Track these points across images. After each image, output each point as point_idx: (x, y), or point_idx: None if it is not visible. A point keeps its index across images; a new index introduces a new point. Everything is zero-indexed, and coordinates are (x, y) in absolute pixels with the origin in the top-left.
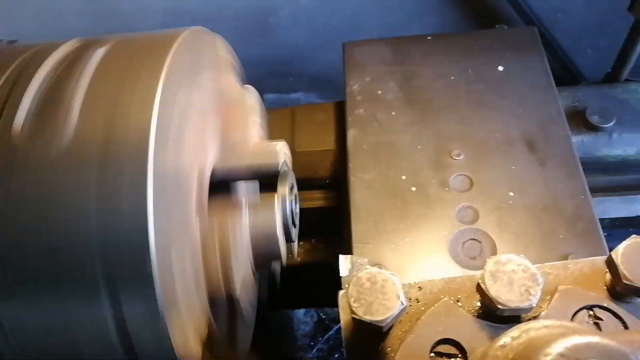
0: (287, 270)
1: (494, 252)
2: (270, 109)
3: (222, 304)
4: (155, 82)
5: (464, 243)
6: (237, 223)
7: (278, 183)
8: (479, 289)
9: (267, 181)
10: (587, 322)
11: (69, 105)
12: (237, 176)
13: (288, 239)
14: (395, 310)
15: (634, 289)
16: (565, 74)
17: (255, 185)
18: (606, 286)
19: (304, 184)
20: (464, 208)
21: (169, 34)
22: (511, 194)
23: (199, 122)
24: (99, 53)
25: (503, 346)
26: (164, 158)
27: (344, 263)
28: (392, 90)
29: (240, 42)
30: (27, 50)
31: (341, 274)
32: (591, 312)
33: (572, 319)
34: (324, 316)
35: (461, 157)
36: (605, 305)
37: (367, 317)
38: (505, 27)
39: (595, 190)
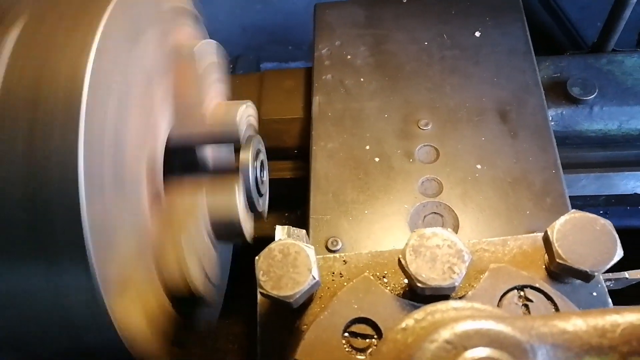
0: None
1: (456, 226)
2: (238, 74)
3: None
4: (91, 34)
5: (425, 217)
6: (193, 204)
7: (240, 150)
8: (400, 265)
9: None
10: (516, 303)
11: None
12: (196, 143)
13: (252, 208)
14: (305, 285)
15: (568, 268)
16: (574, 48)
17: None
18: (545, 265)
19: (271, 154)
20: (428, 180)
21: None
22: (478, 166)
23: (146, 84)
24: (25, 9)
25: (404, 329)
26: (100, 118)
27: (280, 234)
28: (362, 55)
29: (238, 7)
30: None
31: None
32: (521, 293)
33: (500, 300)
34: None
35: (429, 127)
36: (536, 285)
37: (275, 292)
38: None
39: (587, 166)
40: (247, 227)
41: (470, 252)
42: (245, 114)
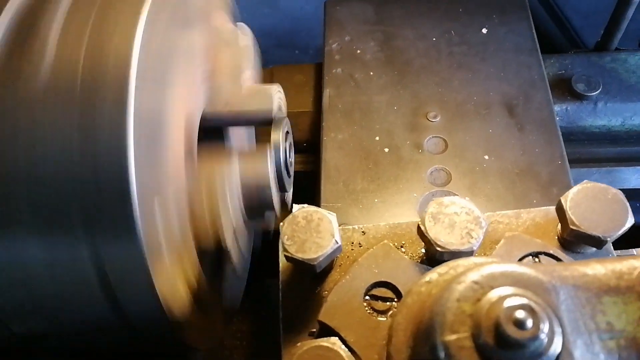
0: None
1: None
2: None
3: (211, 256)
4: (137, 15)
5: None
6: (226, 171)
7: (272, 130)
8: (419, 231)
9: (262, 127)
10: None
11: (45, 40)
12: (229, 122)
13: (282, 188)
14: (328, 249)
15: (582, 235)
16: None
17: (251, 131)
18: (557, 236)
19: None
20: (437, 170)
21: None
22: (486, 157)
23: (188, 63)
24: None
25: (428, 282)
26: (148, 98)
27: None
28: (372, 50)
29: (245, 11)
30: None
31: None
32: (536, 260)
33: None
34: None
35: (437, 119)
36: (550, 252)
37: (299, 255)
38: None
39: (598, 161)
40: (276, 199)
41: None
42: (277, 95)
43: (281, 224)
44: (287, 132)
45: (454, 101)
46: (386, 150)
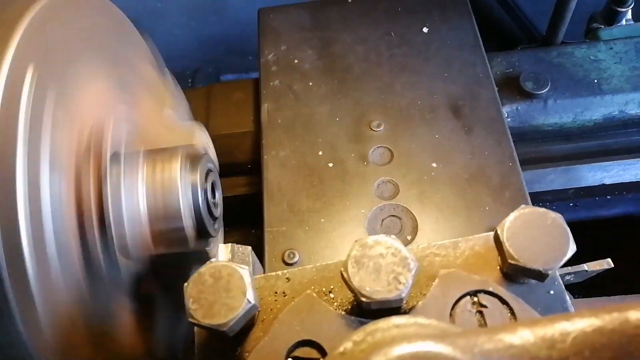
0: None
1: (415, 228)
2: (187, 89)
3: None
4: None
5: (382, 220)
6: (126, 184)
7: (190, 167)
8: (343, 278)
9: None
10: (470, 310)
11: None
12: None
13: (204, 234)
14: (240, 311)
15: (521, 268)
16: (530, 42)
17: None
18: (499, 266)
19: (224, 171)
20: (384, 183)
21: None
22: (434, 164)
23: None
24: None
25: (342, 354)
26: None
27: (223, 252)
28: (310, 58)
29: (193, 20)
30: None
31: None
32: (475, 299)
33: (453, 308)
34: None
35: (381, 128)
36: (490, 289)
37: (207, 321)
38: None
39: (552, 160)
40: (190, 234)
41: (420, 258)
42: (195, 133)
43: (185, 284)
44: (210, 171)
45: (397, 107)
46: (330, 165)
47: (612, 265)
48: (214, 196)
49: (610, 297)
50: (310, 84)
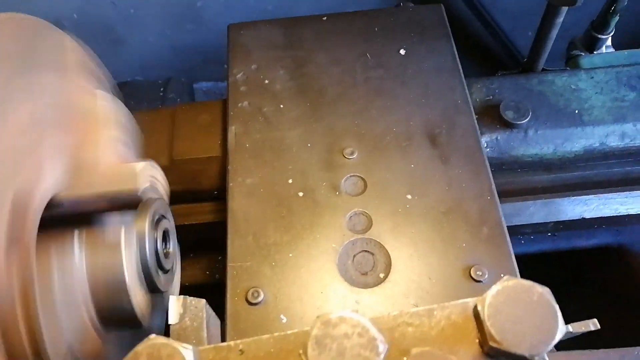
0: None
1: (388, 265)
2: (148, 110)
3: None
4: None
5: (354, 256)
6: (67, 266)
7: (136, 216)
8: None
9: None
10: None
11: None
12: (89, 207)
13: (152, 287)
14: None
15: (503, 352)
16: (507, 57)
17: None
18: (478, 340)
19: (188, 197)
20: (356, 215)
21: None
22: (409, 196)
23: (27, 134)
24: None
25: None
26: None
27: (175, 307)
28: (282, 79)
29: (169, 28)
30: None
31: (170, 322)
32: None
33: None
34: None
35: (355, 156)
36: None
37: None
38: (411, 5)
39: (532, 192)
40: (142, 306)
41: (391, 328)
42: (146, 172)
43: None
44: (162, 217)
45: (371, 133)
46: (300, 194)
47: (599, 327)
48: (165, 245)
49: (592, 351)
50: (282, 106)
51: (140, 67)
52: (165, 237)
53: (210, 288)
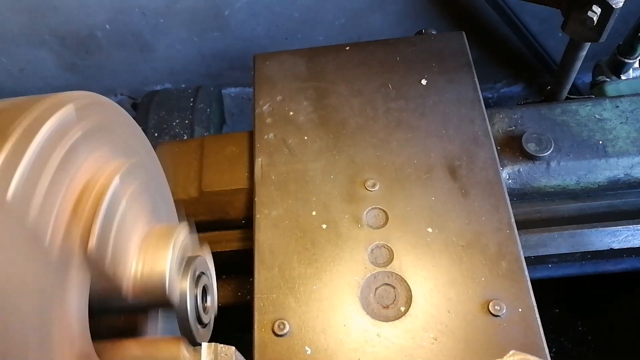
0: None
1: (409, 299)
2: (179, 141)
3: None
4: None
5: (376, 289)
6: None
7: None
8: None
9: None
10: None
11: None
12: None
13: (192, 342)
14: None
15: None
16: (536, 61)
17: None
18: None
19: (215, 226)
20: (378, 247)
21: None
22: (429, 229)
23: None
24: None
25: None
26: None
27: (206, 353)
28: (305, 110)
29: (195, 35)
30: None
31: None
32: None
33: None
34: None
35: (376, 188)
36: None
37: None
38: (433, 32)
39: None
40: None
41: None
42: (180, 238)
43: None
44: (201, 274)
45: (392, 165)
46: (324, 226)
47: None
48: (205, 300)
49: None
50: (305, 138)
51: (169, 73)
52: (204, 292)
53: (243, 307)
